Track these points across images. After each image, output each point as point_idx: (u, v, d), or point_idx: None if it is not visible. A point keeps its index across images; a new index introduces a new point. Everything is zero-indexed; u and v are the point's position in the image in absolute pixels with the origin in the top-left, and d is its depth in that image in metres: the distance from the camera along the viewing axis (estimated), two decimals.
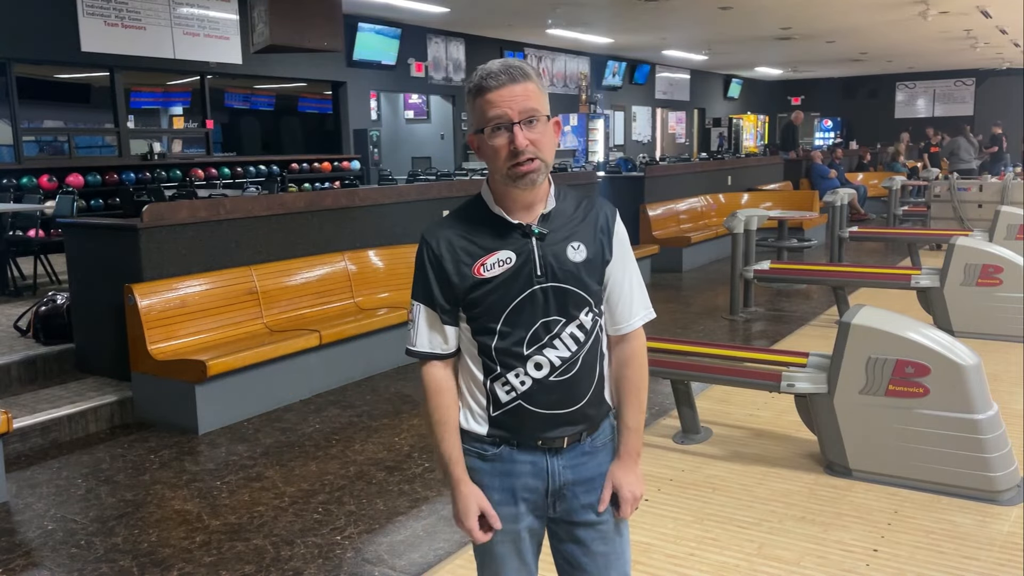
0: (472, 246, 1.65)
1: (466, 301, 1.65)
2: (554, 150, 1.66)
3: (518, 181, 1.60)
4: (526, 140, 1.58)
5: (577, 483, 1.72)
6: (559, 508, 1.73)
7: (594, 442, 1.74)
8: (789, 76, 24.92)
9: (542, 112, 1.60)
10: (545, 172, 1.63)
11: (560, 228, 1.66)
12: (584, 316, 1.67)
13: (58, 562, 3.14)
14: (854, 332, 3.53)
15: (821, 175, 12.92)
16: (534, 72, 1.62)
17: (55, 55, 9.09)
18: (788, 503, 3.43)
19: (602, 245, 1.69)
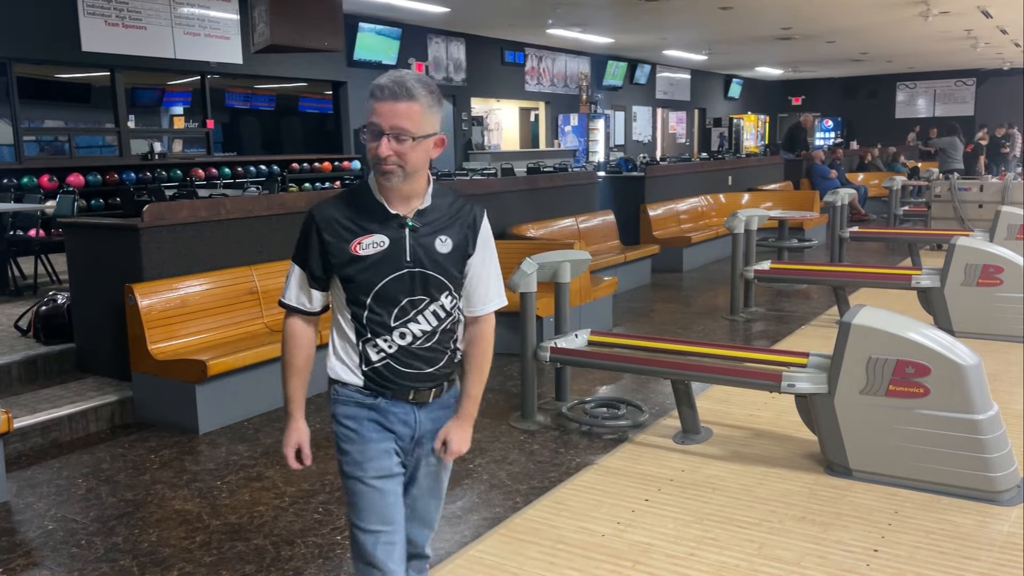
0: (353, 225, 1.93)
1: (342, 273, 1.94)
2: (424, 161, 1.92)
3: (379, 176, 1.90)
4: (389, 151, 1.85)
5: (432, 431, 2.07)
6: (416, 453, 2.08)
7: (444, 400, 2.09)
8: (789, 76, 24.92)
9: (412, 133, 1.85)
10: (402, 176, 1.89)
11: (432, 222, 1.96)
12: (444, 298, 2.00)
13: (58, 562, 3.14)
14: (855, 332, 3.53)
15: (822, 175, 12.92)
16: (425, 92, 1.87)
17: (56, 55, 9.09)
18: (788, 503, 3.43)
19: (467, 240, 2.01)
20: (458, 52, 14.85)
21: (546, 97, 17.50)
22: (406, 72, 1.90)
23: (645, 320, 7.15)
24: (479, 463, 3.99)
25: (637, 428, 4.36)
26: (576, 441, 4.26)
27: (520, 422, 4.52)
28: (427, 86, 1.89)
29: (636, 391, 5.05)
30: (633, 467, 3.87)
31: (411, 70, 1.88)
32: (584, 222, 8.28)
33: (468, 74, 15.12)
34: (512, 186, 7.71)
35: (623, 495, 3.56)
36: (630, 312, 7.38)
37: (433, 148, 1.93)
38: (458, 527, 3.33)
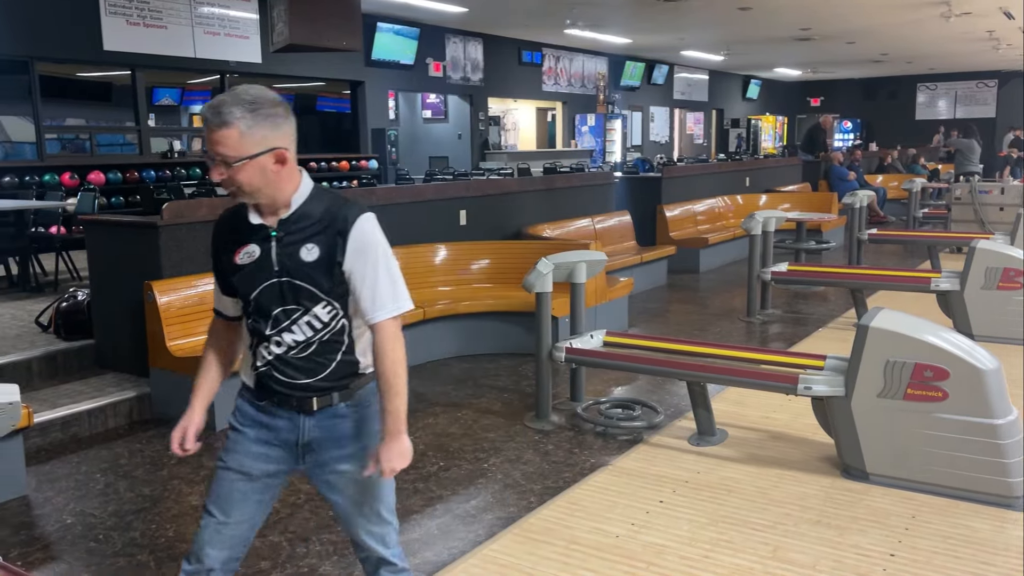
0: (236, 236, 2.00)
1: (229, 281, 2.02)
2: (264, 179, 1.90)
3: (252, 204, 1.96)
4: (218, 177, 1.90)
5: (327, 439, 2.05)
6: (308, 460, 2.08)
7: (349, 407, 2.05)
8: (808, 77, 24.76)
9: (231, 158, 1.86)
10: (247, 195, 1.92)
11: (299, 231, 1.95)
12: (320, 309, 1.97)
13: (76, 556, 3.17)
14: (872, 335, 3.51)
15: (840, 177, 12.84)
16: (243, 113, 1.85)
17: (78, 54, 9.19)
18: (804, 506, 3.42)
19: (335, 247, 1.94)
20: (476, 52, 14.87)
21: (563, 97, 17.49)
22: (229, 94, 1.88)
23: (661, 321, 7.13)
24: (493, 463, 4.00)
25: (652, 429, 4.35)
26: (591, 442, 4.26)
27: (535, 422, 4.53)
28: (248, 106, 1.86)
29: (651, 392, 5.04)
30: (648, 468, 3.86)
31: (245, 88, 1.92)
32: (600, 222, 8.27)
33: (485, 74, 15.14)
34: (528, 186, 7.71)
35: (637, 496, 3.55)
36: (646, 313, 7.37)
37: (273, 165, 1.90)
38: (472, 526, 3.34)
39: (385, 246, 2.00)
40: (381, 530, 2.15)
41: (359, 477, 2.06)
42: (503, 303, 5.89)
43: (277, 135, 1.91)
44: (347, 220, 1.94)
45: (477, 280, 6.34)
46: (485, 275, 6.37)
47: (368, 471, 2.00)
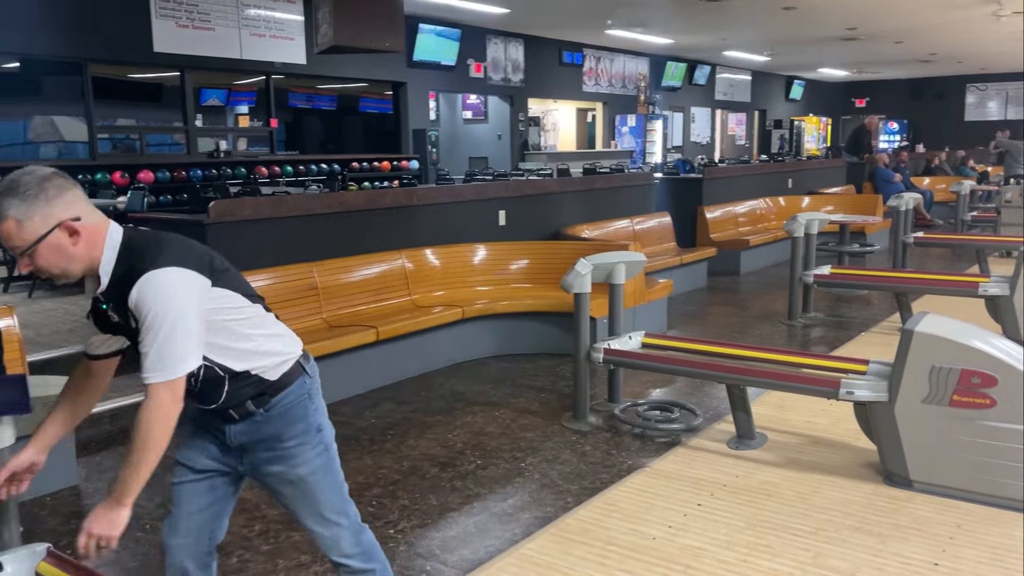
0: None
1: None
2: (65, 255, 1.88)
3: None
4: (24, 265, 1.88)
5: (255, 442, 2.13)
6: (246, 461, 2.16)
7: (268, 412, 2.10)
8: (854, 77, 24.36)
9: (22, 248, 1.84)
10: (62, 275, 1.92)
11: (115, 299, 1.92)
12: None
13: (124, 544, 3.25)
14: (917, 340, 3.45)
15: (885, 179, 12.62)
16: (14, 202, 1.81)
17: (129, 56, 9.41)
18: (845, 512, 3.38)
19: (126, 304, 1.89)
20: (516, 53, 14.90)
21: (603, 98, 17.44)
22: (2, 182, 1.85)
23: (700, 323, 7.08)
24: (531, 462, 4.02)
25: (690, 432, 4.33)
26: (628, 443, 4.25)
27: (572, 422, 4.53)
28: (22, 193, 1.82)
29: (690, 395, 5.02)
30: (686, 471, 3.85)
31: (18, 172, 1.88)
32: (640, 223, 8.24)
33: (526, 75, 15.16)
34: (568, 186, 7.71)
35: (675, 499, 3.54)
36: (685, 315, 7.32)
37: (68, 239, 1.87)
38: (509, 525, 3.36)
39: (161, 308, 1.86)
40: (326, 531, 2.20)
41: (290, 478, 2.14)
42: (541, 303, 5.90)
43: (58, 209, 1.85)
44: (134, 275, 1.88)
45: (516, 280, 6.36)
46: (524, 275, 6.39)
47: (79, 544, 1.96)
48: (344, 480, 2.28)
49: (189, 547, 2.20)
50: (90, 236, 1.91)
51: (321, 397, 2.25)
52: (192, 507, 2.18)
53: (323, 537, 2.22)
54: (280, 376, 2.12)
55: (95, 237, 1.92)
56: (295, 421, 2.14)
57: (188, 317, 1.89)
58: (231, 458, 2.17)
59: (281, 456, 2.14)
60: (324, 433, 2.21)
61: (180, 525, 2.19)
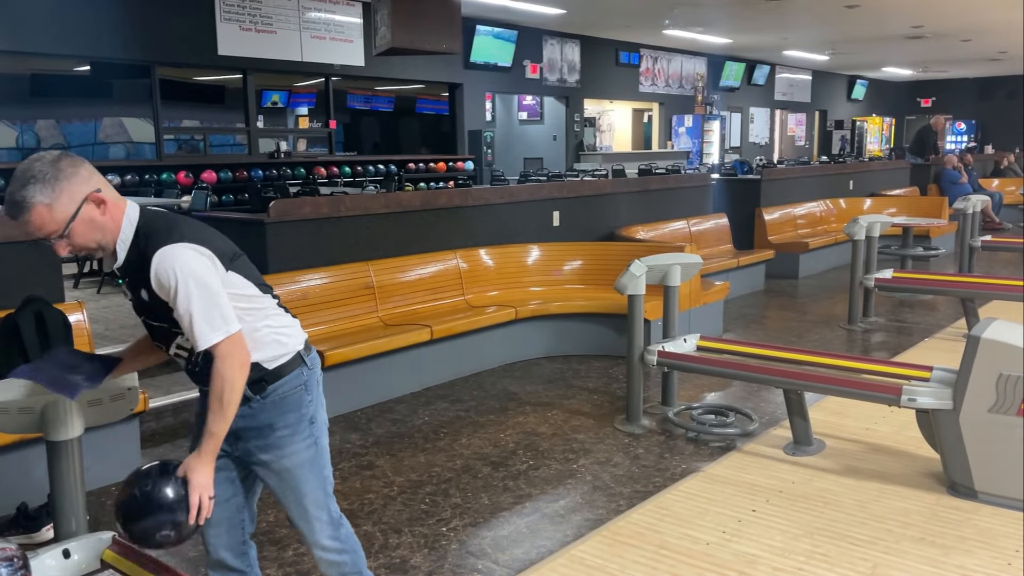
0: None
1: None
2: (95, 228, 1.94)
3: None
4: (62, 249, 1.94)
5: (247, 429, 2.14)
6: (239, 448, 2.18)
7: (264, 399, 2.13)
8: (919, 77, 23.71)
9: (58, 232, 1.89)
10: (98, 249, 1.98)
11: (134, 275, 1.99)
12: (180, 339, 2.05)
13: None
14: (984, 347, 3.35)
15: (952, 181, 12.25)
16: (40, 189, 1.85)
17: (194, 58, 9.67)
18: (906, 523, 3.29)
19: (151, 289, 1.96)
20: (572, 54, 14.87)
21: (660, 98, 17.30)
22: (16, 176, 1.86)
23: (757, 327, 6.98)
24: (583, 464, 4.01)
25: (746, 437, 4.27)
26: (682, 447, 4.21)
27: (625, 425, 4.51)
28: (42, 177, 1.84)
29: (745, 399, 4.95)
30: (740, 476, 3.79)
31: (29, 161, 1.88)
32: (696, 225, 8.15)
33: (582, 75, 15.12)
34: (623, 187, 7.67)
35: (729, 504, 3.50)
36: (742, 318, 7.22)
37: (95, 211, 1.92)
38: (560, 526, 3.36)
39: (186, 275, 1.91)
40: (305, 524, 2.24)
41: (276, 468, 2.18)
42: (595, 305, 5.88)
43: (79, 185, 1.90)
44: (147, 266, 1.93)
45: (569, 281, 6.35)
46: (577, 276, 6.37)
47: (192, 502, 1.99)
48: (330, 475, 2.29)
49: (222, 537, 2.25)
50: (112, 208, 1.97)
51: (320, 390, 2.26)
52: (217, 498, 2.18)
53: (302, 528, 2.26)
54: (278, 365, 2.14)
55: (116, 211, 1.98)
56: (289, 410, 2.15)
57: (213, 284, 1.95)
58: (227, 444, 2.16)
59: (271, 445, 2.15)
60: (316, 426, 2.22)
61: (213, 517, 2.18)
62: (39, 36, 8.39)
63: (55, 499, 2.40)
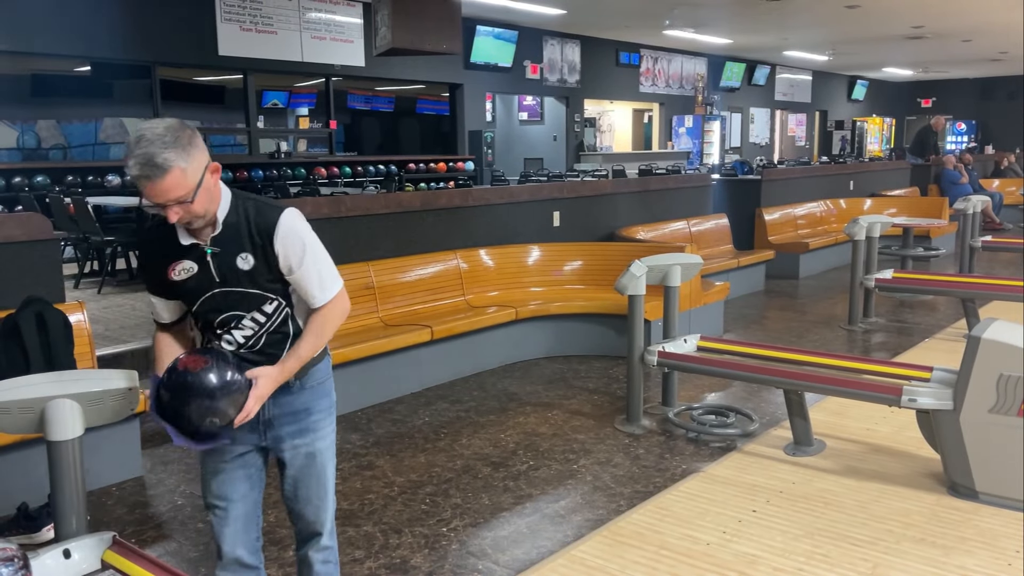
0: (168, 252, 2.08)
1: (169, 292, 2.13)
2: (212, 196, 2.00)
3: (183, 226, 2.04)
4: (176, 215, 1.95)
5: (284, 415, 2.20)
6: (269, 436, 2.22)
7: (303, 384, 2.21)
8: (920, 77, 23.71)
9: (187, 194, 1.93)
10: (203, 217, 2.01)
11: (230, 243, 2.05)
12: (265, 306, 2.11)
13: (186, 535, 3.35)
14: (984, 347, 3.35)
15: (952, 181, 12.26)
16: (176, 151, 1.89)
17: (195, 59, 9.67)
18: (906, 523, 3.29)
19: (266, 251, 2.05)
20: (573, 54, 14.88)
21: (660, 98, 17.30)
22: (148, 139, 1.88)
23: (757, 327, 6.98)
24: (583, 464, 4.01)
25: (746, 437, 4.27)
26: (682, 447, 4.21)
27: (625, 425, 4.51)
28: (176, 142, 1.90)
29: (746, 399, 4.95)
30: (741, 476, 3.79)
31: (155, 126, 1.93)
32: (696, 225, 8.15)
33: (582, 75, 15.13)
34: (623, 188, 7.67)
35: (730, 504, 3.50)
36: (742, 319, 7.22)
37: (211, 180, 1.99)
38: (561, 526, 3.36)
39: (309, 237, 2.10)
40: (321, 503, 2.31)
41: (310, 451, 2.25)
42: (595, 305, 5.88)
43: (203, 153, 1.97)
44: (270, 225, 2.05)
45: (569, 281, 6.36)
46: (577, 276, 6.38)
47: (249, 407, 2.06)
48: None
49: (239, 535, 2.27)
50: (218, 179, 2.04)
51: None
52: (237, 495, 2.24)
53: (316, 509, 2.30)
54: (319, 353, 2.23)
55: (218, 182, 2.05)
56: (323, 396, 2.27)
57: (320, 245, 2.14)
58: (256, 435, 2.22)
59: (306, 429, 2.23)
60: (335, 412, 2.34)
61: (231, 517, 2.25)
62: (40, 36, 8.39)
63: (55, 499, 2.40)
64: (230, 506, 2.24)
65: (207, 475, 2.26)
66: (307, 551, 2.35)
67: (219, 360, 2.03)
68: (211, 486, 2.25)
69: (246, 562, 2.30)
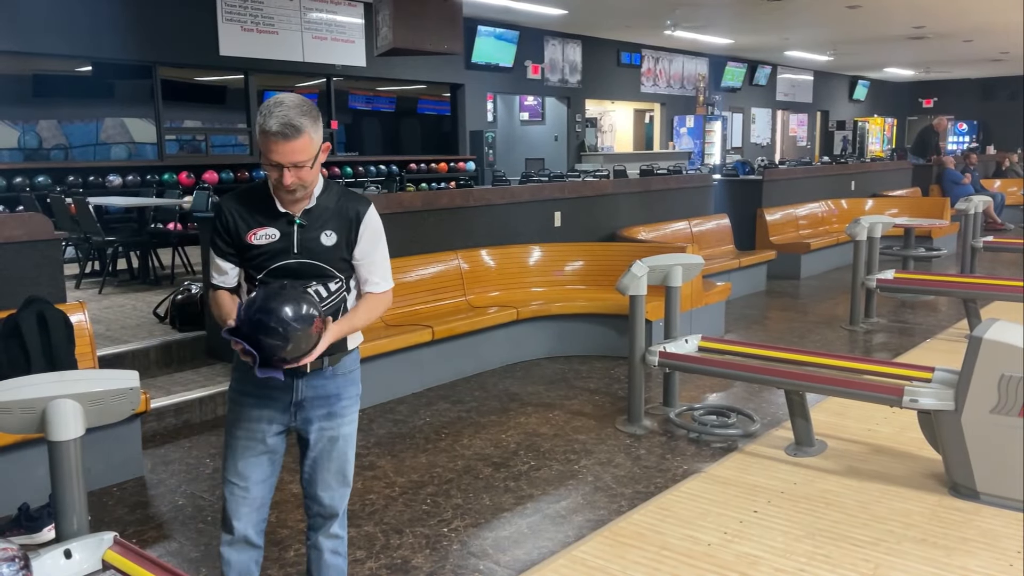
0: (251, 218, 2.23)
1: (242, 256, 2.26)
2: (317, 173, 2.20)
3: (285, 194, 2.19)
4: (292, 179, 2.13)
5: (316, 398, 2.32)
6: (299, 417, 2.33)
7: (336, 370, 2.34)
8: (921, 77, 23.70)
9: (308, 161, 2.12)
10: (307, 188, 2.19)
11: (318, 219, 2.24)
12: (331, 283, 2.27)
13: (187, 535, 3.35)
14: (986, 347, 3.34)
15: (953, 181, 12.25)
16: (309, 121, 2.10)
17: (196, 59, 9.68)
18: (908, 524, 3.29)
19: (350, 233, 2.27)
20: (574, 54, 14.87)
21: (662, 99, 17.30)
22: (288, 105, 2.09)
23: (759, 328, 6.97)
24: (584, 464, 4.01)
25: (747, 438, 4.27)
26: (683, 448, 4.21)
27: (626, 426, 4.51)
28: (309, 112, 2.11)
29: (747, 400, 4.95)
30: (742, 477, 3.79)
31: (290, 96, 2.15)
32: (697, 225, 8.15)
33: (583, 76, 15.12)
34: (624, 188, 7.67)
35: (731, 505, 3.49)
36: (743, 319, 7.22)
37: (322, 156, 2.18)
38: (562, 527, 3.36)
39: (381, 235, 2.34)
40: (341, 490, 2.40)
41: (335, 435, 2.36)
42: (596, 305, 5.88)
43: (321, 131, 2.17)
44: (360, 212, 2.28)
45: (571, 282, 6.36)
46: (579, 277, 6.37)
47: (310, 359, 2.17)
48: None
49: (252, 515, 2.36)
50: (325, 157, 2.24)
51: None
52: (260, 476, 2.34)
53: (335, 493, 2.39)
54: (354, 345, 2.40)
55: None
56: (352, 383, 2.40)
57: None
58: (286, 416, 2.33)
59: (335, 413, 2.35)
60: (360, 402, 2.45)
61: (249, 498, 2.33)
62: (41, 36, 8.40)
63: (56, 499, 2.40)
64: (251, 486, 2.32)
65: (232, 454, 2.33)
66: (319, 536, 2.42)
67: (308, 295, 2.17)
68: (235, 466, 2.32)
69: (253, 541, 2.38)
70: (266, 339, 2.04)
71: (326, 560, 2.42)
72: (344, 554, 2.47)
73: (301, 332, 2.06)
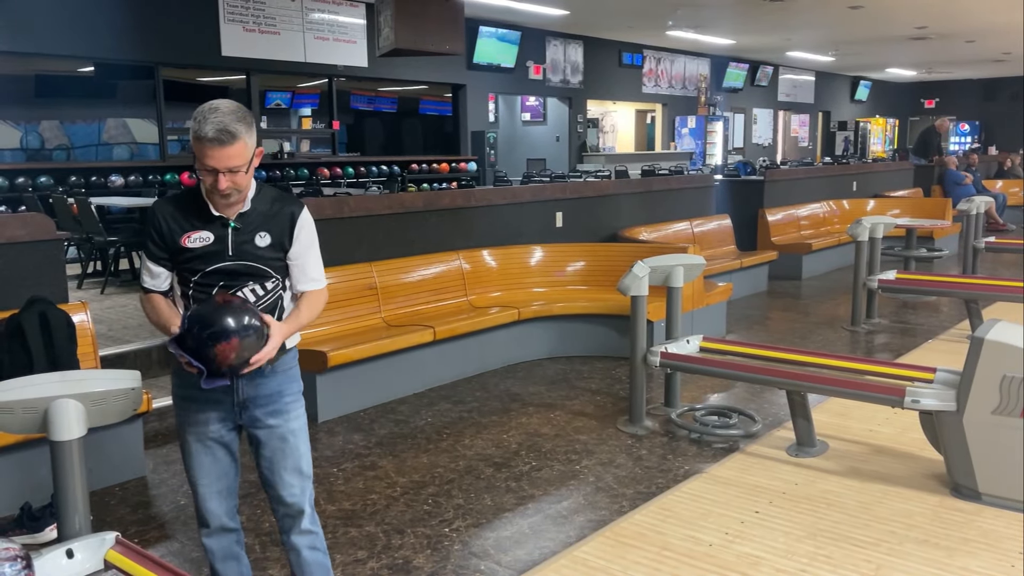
0: (185, 222, 2.26)
1: (176, 259, 2.29)
2: (251, 177, 2.25)
3: (219, 198, 2.22)
4: (227, 183, 2.17)
5: (257, 397, 2.36)
6: (244, 416, 2.37)
7: (275, 368, 2.37)
8: (923, 78, 23.68)
9: (243, 165, 2.17)
10: (240, 192, 2.23)
11: (252, 222, 2.29)
12: (267, 282, 2.32)
13: (188, 535, 3.35)
14: (988, 348, 3.34)
15: (955, 181, 12.24)
16: (244, 127, 2.15)
17: (198, 59, 9.68)
18: (909, 524, 3.29)
19: (284, 236, 2.32)
20: (576, 54, 14.87)
21: (663, 99, 17.30)
22: (223, 111, 2.14)
23: (760, 328, 6.97)
24: (585, 465, 4.01)
25: (749, 438, 4.26)
26: (685, 448, 4.21)
27: (628, 426, 4.51)
28: (244, 119, 2.16)
29: (748, 400, 4.94)
30: (744, 477, 3.79)
31: (225, 102, 2.21)
32: (699, 226, 8.15)
33: (585, 76, 15.12)
34: (625, 188, 7.67)
35: (732, 505, 3.49)
36: (745, 319, 7.22)
37: (255, 162, 2.23)
38: (563, 527, 3.36)
39: (314, 237, 2.41)
40: (299, 484, 2.43)
41: (282, 432, 2.39)
42: (598, 305, 5.88)
43: (255, 136, 2.22)
44: (294, 213, 2.34)
45: (572, 282, 6.36)
46: (580, 277, 6.37)
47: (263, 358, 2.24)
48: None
49: (223, 504, 2.45)
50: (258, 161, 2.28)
51: None
52: (220, 471, 2.41)
53: (295, 491, 2.42)
54: (291, 344, 2.44)
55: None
56: (293, 381, 2.44)
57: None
58: (232, 415, 2.38)
59: (279, 410, 2.39)
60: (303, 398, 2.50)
61: (214, 492, 2.42)
62: (43, 37, 8.41)
63: (58, 499, 2.40)
64: (213, 482, 2.41)
65: (188, 456, 2.40)
66: (291, 536, 2.45)
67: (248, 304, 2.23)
68: (194, 466, 2.40)
69: (229, 526, 2.47)
70: (211, 352, 2.11)
71: (305, 558, 2.45)
72: (323, 549, 2.49)
73: (245, 342, 2.14)
